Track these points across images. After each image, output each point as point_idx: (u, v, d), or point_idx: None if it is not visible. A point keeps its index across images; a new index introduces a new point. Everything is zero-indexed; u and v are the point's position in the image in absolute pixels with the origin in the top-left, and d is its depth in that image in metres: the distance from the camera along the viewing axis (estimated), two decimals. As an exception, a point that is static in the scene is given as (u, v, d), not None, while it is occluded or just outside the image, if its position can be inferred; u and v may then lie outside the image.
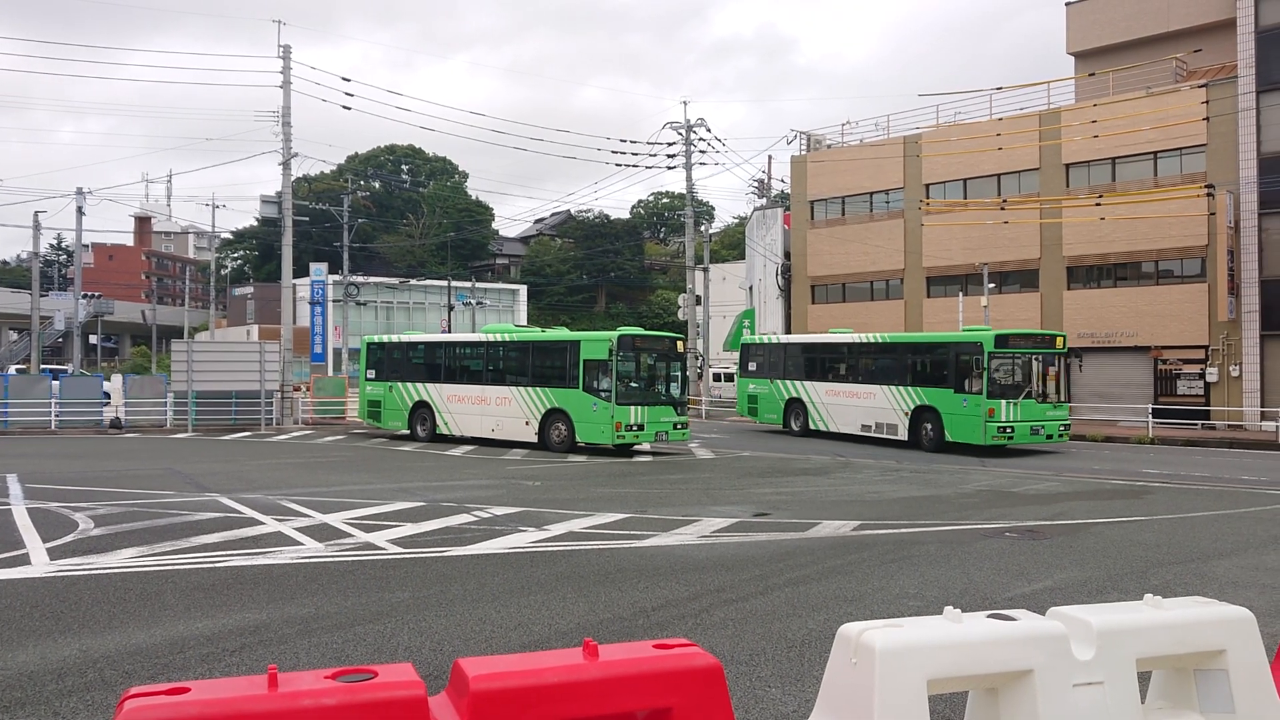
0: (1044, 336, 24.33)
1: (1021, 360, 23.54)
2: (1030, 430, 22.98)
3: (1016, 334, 24.23)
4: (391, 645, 6.78)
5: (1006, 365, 23.45)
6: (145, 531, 11.28)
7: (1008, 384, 23.22)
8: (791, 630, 7.19)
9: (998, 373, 23.02)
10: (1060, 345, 23.83)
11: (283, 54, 33.22)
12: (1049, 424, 23.36)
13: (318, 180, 76.83)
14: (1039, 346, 23.69)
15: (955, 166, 39.58)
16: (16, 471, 17.70)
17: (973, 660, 3.80)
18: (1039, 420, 23.12)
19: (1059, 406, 23.62)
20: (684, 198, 45.46)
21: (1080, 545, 11.03)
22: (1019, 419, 22.78)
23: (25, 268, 59.62)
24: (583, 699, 3.29)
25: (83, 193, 42.33)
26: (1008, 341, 23.41)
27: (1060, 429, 23.58)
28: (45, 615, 7.54)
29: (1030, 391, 23.11)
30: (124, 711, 2.86)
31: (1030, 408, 23.00)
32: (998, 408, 22.62)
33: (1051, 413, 23.38)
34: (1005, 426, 22.60)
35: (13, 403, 29.99)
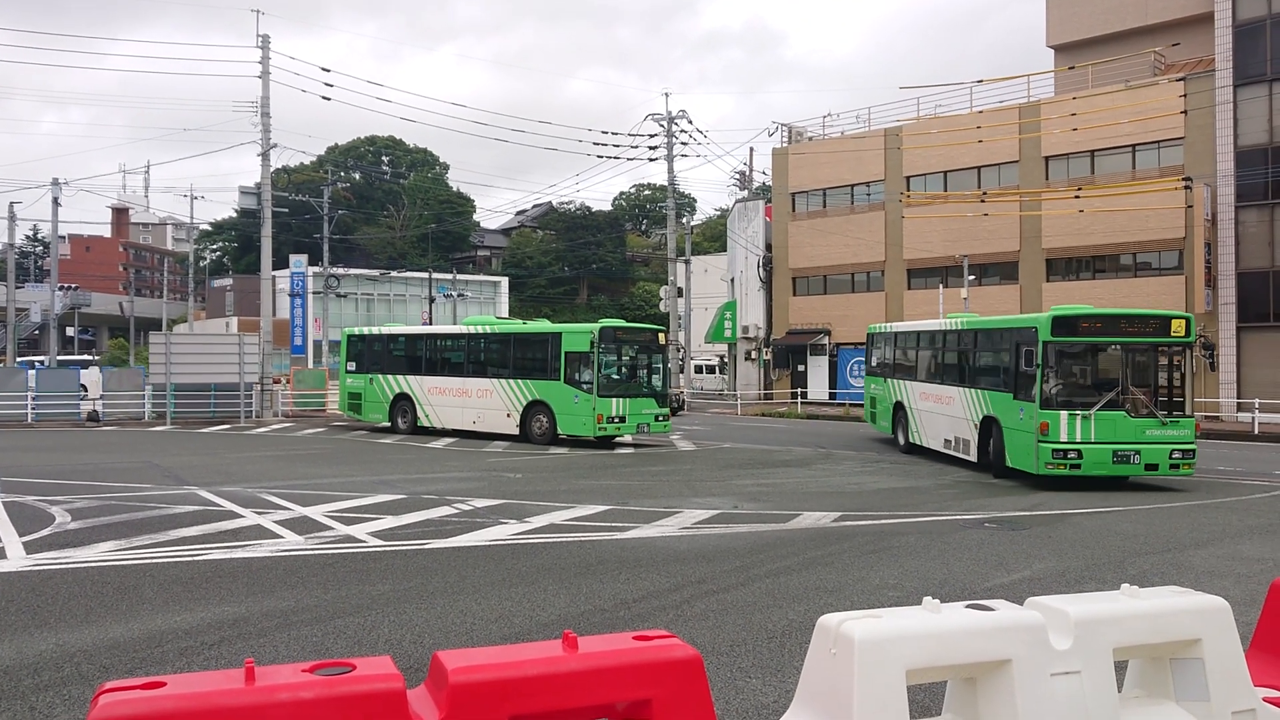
0: (1146, 319, 16.17)
1: (1102, 352, 16.33)
2: (1114, 457, 15.33)
3: (1092, 314, 16.44)
4: (372, 638, 6.75)
5: (1074, 359, 16.36)
6: (123, 525, 11.19)
7: (1075, 385, 16.14)
8: (772, 621, 7.21)
9: (1057, 370, 15.84)
10: (1182, 331, 15.73)
11: (261, 44, 32.95)
12: (1151, 448, 15.38)
13: (297, 171, 76.29)
14: (1136, 333, 15.89)
15: (935, 159, 39.72)
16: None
17: (951, 650, 3.81)
18: (1132, 442, 15.37)
19: (1174, 423, 15.52)
20: (666, 190, 45.42)
21: (1058, 536, 11.12)
22: (1092, 440, 15.33)
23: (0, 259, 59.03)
24: (562, 691, 3.28)
25: (59, 183, 41.90)
26: (1077, 327, 15.93)
27: (1178, 456, 15.48)
28: (21, 610, 7.47)
29: (1119, 398, 15.64)
30: (99, 706, 2.83)
31: (1116, 422, 15.41)
32: (1054, 421, 15.39)
33: (1158, 431, 15.44)
34: (1066, 450, 15.30)
35: (-12, 396, 29.66)
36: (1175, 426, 15.57)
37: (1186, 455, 15.53)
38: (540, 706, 3.28)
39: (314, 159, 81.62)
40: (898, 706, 3.65)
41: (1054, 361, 15.85)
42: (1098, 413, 15.43)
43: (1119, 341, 15.94)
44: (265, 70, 32.92)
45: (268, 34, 33.01)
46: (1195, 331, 16.06)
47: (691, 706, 3.39)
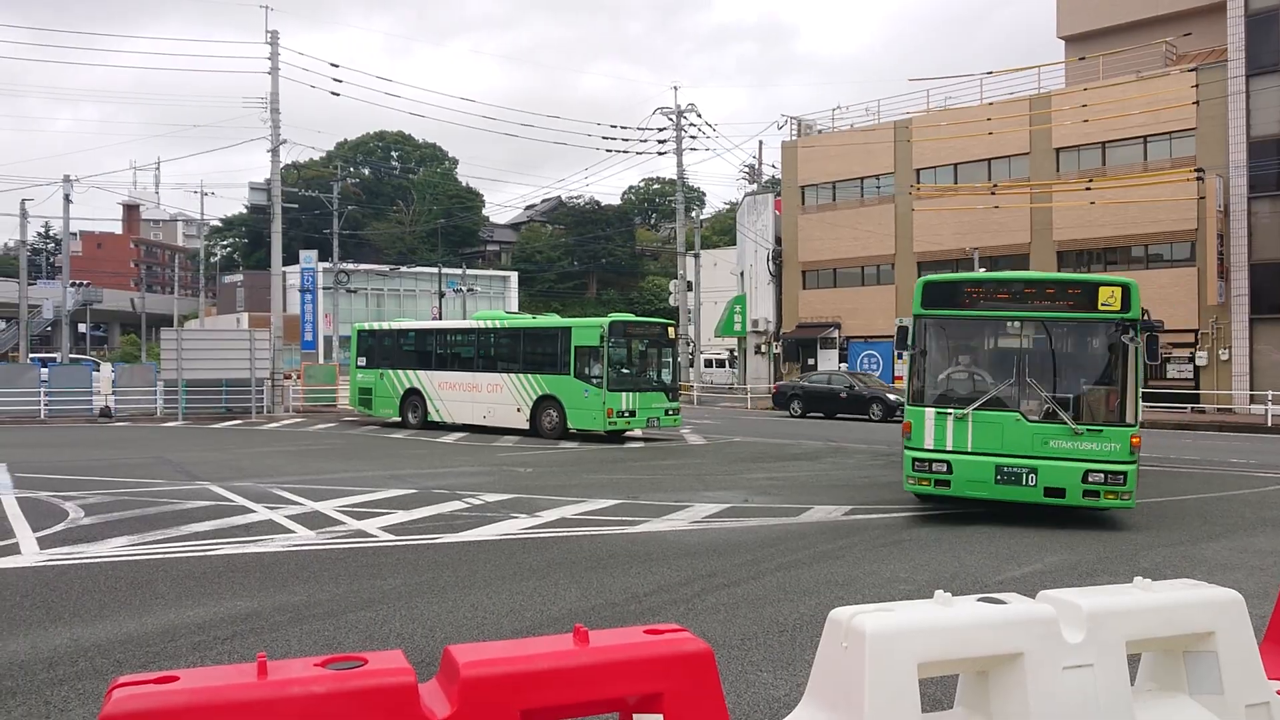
0: (1062, 286, 11.55)
1: (995, 330, 12.20)
2: (997, 475, 11.15)
3: (977, 280, 12.38)
4: (383, 632, 6.77)
5: (954, 339, 12.11)
6: (136, 520, 11.24)
7: (956, 373, 12.15)
8: (783, 615, 7.20)
9: (930, 353, 11.90)
10: (1115, 303, 10.96)
11: (270, 40, 33.00)
12: (1054, 465, 10.97)
13: (307, 167, 76.45)
14: (1046, 305, 11.39)
15: (946, 151, 39.59)
16: (6, 461, 17.62)
17: (963, 643, 3.81)
18: (1025, 456, 11.10)
19: (1095, 432, 10.88)
20: (675, 184, 45.38)
21: (1070, 528, 11.08)
22: (968, 450, 11.32)
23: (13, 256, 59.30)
24: (573, 685, 3.29)
25: (70, 180, 42.04)
26: (955, 296, 11.75)
27: (1097, 479, 10.87)
28: (36, 605, 7.51)
29: (1010, 393, 11.35)
30: (112, 700, 2.84)
31: (1004, 427, 11.20)
32: (917, 421, 11.64)
33: (1067, 442, 10.92)
34: (931, 460, 11.49)
35: (1, 392, 29.85)
36: (1096, 437, 10.63)
37: (1113, 479, 10.52)
38: (551, 700, 3.28)
39: (323, 155, 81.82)
40: (909, 700, 3.65)
41: (926, 342, 11.64)
42: (978, 413, 11.09)
43: (1018, 316, 11.31)
44: (274, 66, 32.98)
45: (276, 30, 33.08)
46: (1139, 304, 10.81)
47: (703, 700, 3.39)
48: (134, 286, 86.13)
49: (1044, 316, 11.14)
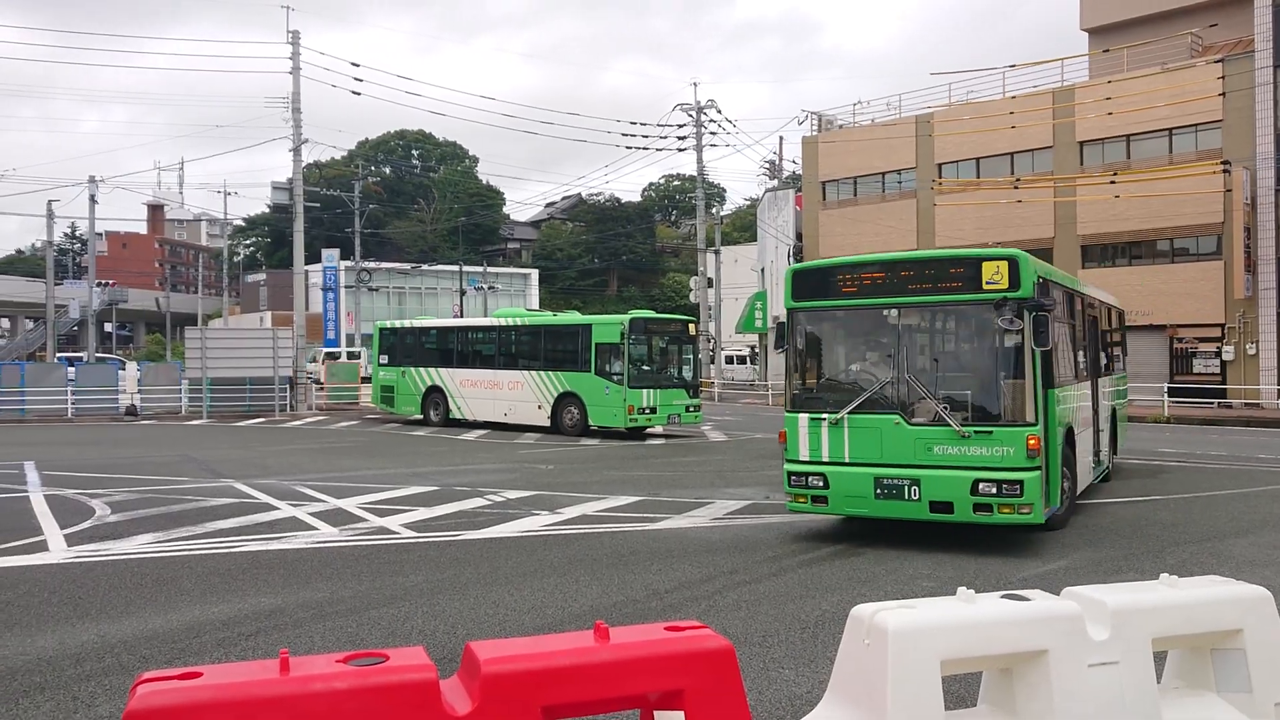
0: (941, 264, 9.89)
1: (871, 320, 10.30)
2: (877, 488, 9.64)
3: (849, 264, 10.62)
4: (405, 629, 6.80)
5: (828, 332, 10.69)
6: (161, 517, 11.34)
7: (831, 373, 10.69)
8: (804, 612, 7.18)
9: (803, 350, 10.61)
10: (1002, 280, 9.23)
11: (292, 40, 33.18)
12: (939, 475, 9.37)
13: (329, 166, 76.84)
14: (923, 287, 9.82)
15: (968, 146, 39.30)
16: (34, 459, 17.82)
17: (986, 641, 3.78)
18: (906, 466, 9.55)
19: (984, 435, 9.21)
20: (695, 180, 45.32)
21: (1095, 525, 10.99)
22: (845, 460, 9.83)
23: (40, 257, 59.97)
24: (594, 681, 3.29)
25: (95, 181, 42.46)
26: (826, 282, 10.32)
27: (989, 490, 9.21)
28: (63, 601, 7.59)
29: (887, 393, 9.76)
30: (137, 696, 2.87)
31: (882, 432, 9.68)
32: (791, 429, 10.21)
33: (953, 447, 9.32)
34: (806, 473, 10.02)
35: (29, 391, 30.18)
36: (986, 440, 9.08)
37: (1008, 490, 8.90)
38: (572, 696, 3.28)
39: (345, 154, 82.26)
40: (932, 697, 3.63)
41: (799, 338, 10.37)
42: (853, 417, 9.67)
43: (894, 303, 9.68)
44: (296, 66, 33.15)
45: (298, 30, 33.24)
46: (1033, 279, 9.11)
47: (724, 697, 3.38)
48: (159, 286, 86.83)
49: (920, 301, 9.56)
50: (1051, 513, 9.65)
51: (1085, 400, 12.25)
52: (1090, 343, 13.06)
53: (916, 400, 9.48)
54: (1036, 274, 9.24)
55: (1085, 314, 12.83)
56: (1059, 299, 10.84)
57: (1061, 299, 11.05)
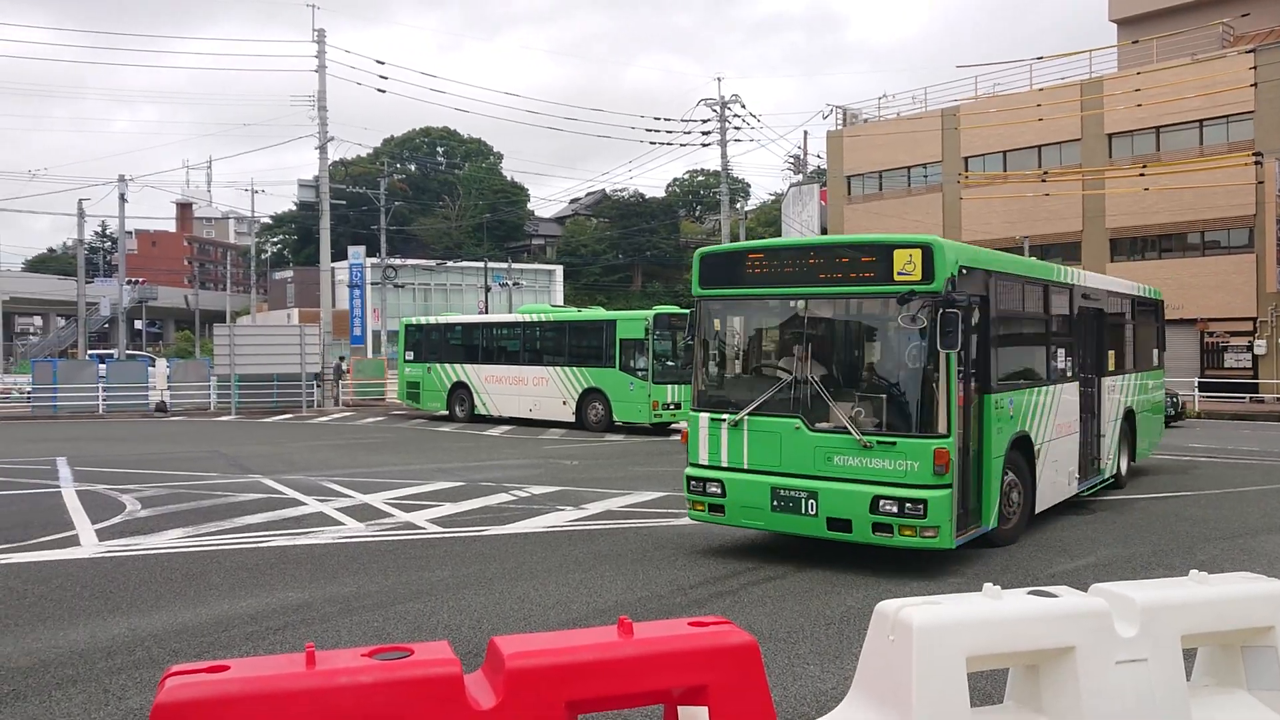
0: (854, 250, 8.95)
1: (777, 313, 9.57)
2: (774, 499, 8.77)
3: (759, 248, 9.80)
4: (431, 624, 6.84)
5: (735, 324, 9.98)
6: (191, 513, 11.46)
7: (738, 370, 9.93)
8: (829, 607, 7.16)
9: (707, 344, 9.73)
10: (914, 271, 8.16)
11: (317, 38, 33.38)
12: (838, 488, 8.40)
13: (354, 164, 77.29)
14: (832, 276, 8.93)
15: (994, 139, 39.00)
16: (66, 455, 18.06)
17: (1012, 637, 3.76)
18: (804, 476, 8.62)
19: (888, 446, 8.17)
20: (719, 175, 45.23)
21: (1124, 521, 10.88)
22: (744, 466, 8.99)
23: (72, 255, 60.72)
24: (617, 676, 3.29)
25: (124, 180, 42.90)
26: (733, 270, 9.37)
27: (891, 508, 8.32)
28: (95, 595, 7.69)
29: (787, 395, 8.87)
30: (165, 689, 2.90)
31: (781, 437, 8.77)
32: (692, 429, 9.45)
33: (854, 458, 8.31)
34: (705, 480, 9.25)
35: (62, 387, 30.58)
36: (888, 452, 8.05)
37: (910, 510, 7.87)
38: (596, 691, 3.29)
39: (370, 151, 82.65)
40: (957, 693, 3.61)
41: (705, 329, 9.51)
42: (753, 419, 8.75)
43: (800, 294, 8.80)
44: (321, 64, 33.36)
45: (323, 28, 33.52)
46: (947, 270, 7.96)
47: (748, 692, 3.37)
48: (187, 283, 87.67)
49: (829, 292, 8.61)
50: (969, 536, 8.39)
51: (1066, 404, 10.75)
52: (1086, 338, 11.75)
53: (819, 403, 8.44)
54: (959, 263, 8.13)
55: (1075, 307, 11.37)
56: (1008, 292, 9.55)
57: (1012, 291, 9.72)
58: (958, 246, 8.44)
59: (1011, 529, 9.40)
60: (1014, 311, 9.89)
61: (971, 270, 8.52)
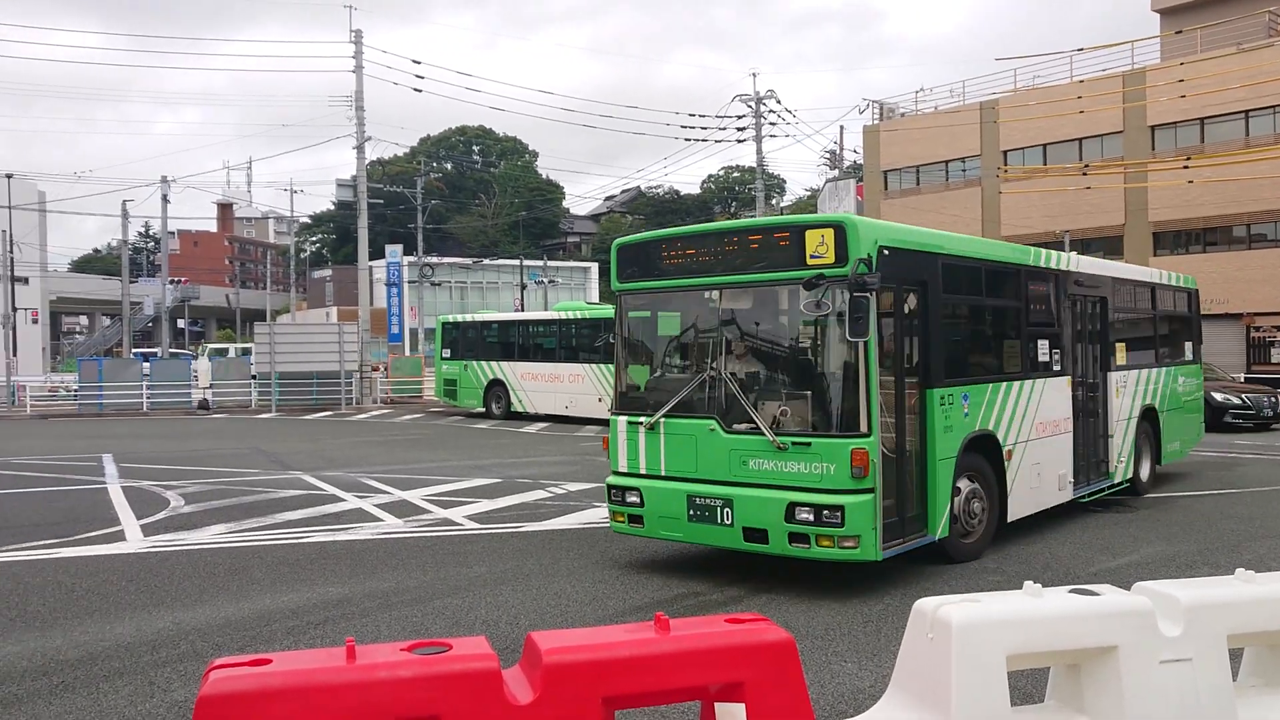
0: (766, 233, 8.20)
1: (693, 305, 8.96)
2: (690, 508, 8.04)
3: (674, 236, 8.97)
4: (469, 619, 6.89)
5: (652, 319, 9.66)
6: (233, 508, 11.63)
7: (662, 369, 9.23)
8: (867, 605, 7.12)
9: (629, 342, 9.25)
10: (827, 253, 7.44)
11: (354, 39, 33.67)
12: (752, 495, 7.67)
13: (391, 163, 77.93)
14: (744, 263, 8.17)
15: (1034, 132, 38.51)
16: (112, 451, 18.39)
17: (1053, 636, 3.72)
18: (718, 483, 7.93)
19: (803, 448, 7.41)
20: (755, 171, 45.07)
21: (1168, 519, 10.71)
22: (661, 472, 8.33)
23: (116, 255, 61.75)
24: (654, 672, 3.30)
25: (167, 181, 43.53)
26: (649, 260, 8.83)
27: (807, 517, 7.38)
28: (140, 589, 7.83)
29: (702, 394, 8.24)
30: (209, 682, 2.95)
31: (696, 440, 8.07)
32: (612, 434, 8.76)
33: (769, 461, 7.57)
34: (625, 488, 8.49)
35: (107, 385, 31.14)
36: (803, 454, 7.34)
37: (826, 518, 7.13)
38: (633, 687, 3.30)
39: (407, 150, 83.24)
40: (997, 692, 3.57)
41: (624, 325, 9.02)
42: (669, 421, 8.14)
43: (711, 283, 8.22)
44: (359, 65, 33.65)
45: (360, 29, 33.75)
46: (861, 251, 7.21)
47: (784, 689, 3.37)
48: (228, 283, 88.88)
49: (741, 281, 7.97)
50: (904, 547, 7.61)
51: (1051, 401, 9.82)
52: (1082, 330, 10.85)
53: (735, 403, 7.75)
54: (878, 244, 7.41)
55: (1064, 295, 10.40)
56: (961, 277, 8.73)
57: (967, 277, 8.89)
58: (879, 225, 7.81)
59: (975, 541, 8.54)
60: (971, 299, 9.09)
61: (898, 252, 7.68)
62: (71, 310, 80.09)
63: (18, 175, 49.72)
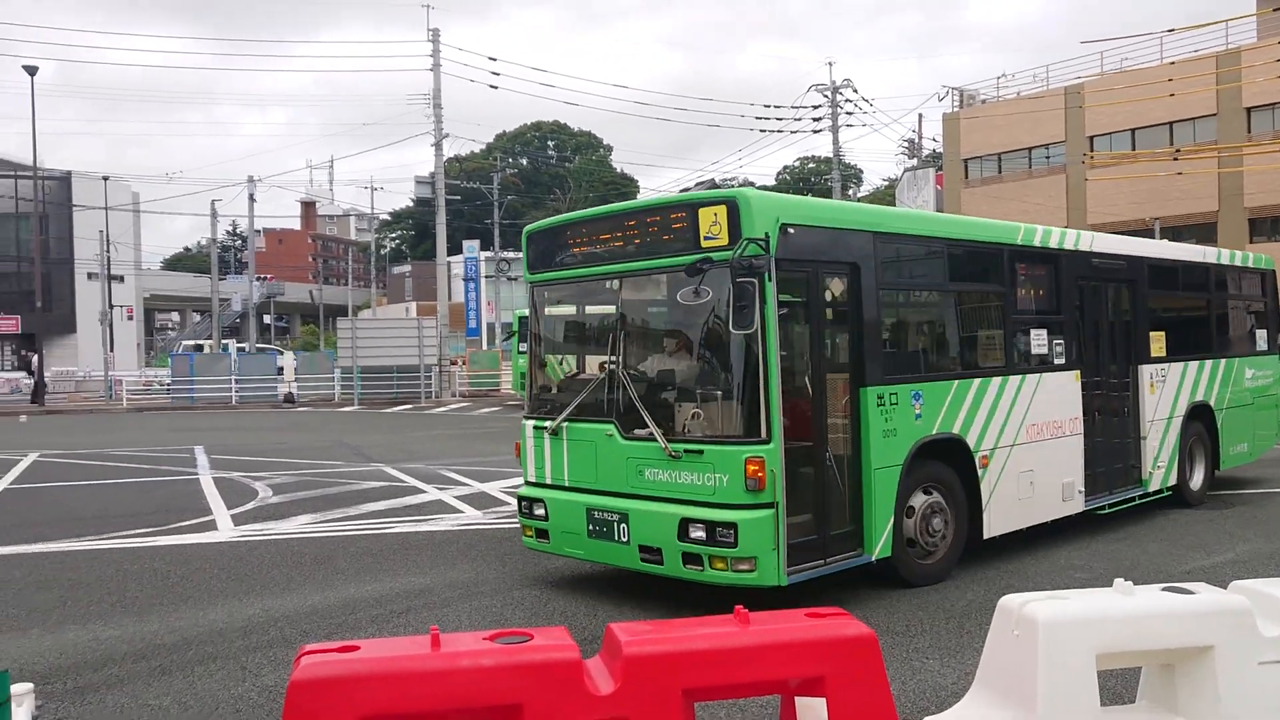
0: (661, 212, 7.24)
1: (596, 296, 8.16)
2: (589, 522, 7.25)
3: (579, 220, 8.10)
4: (547, 610, 6.96)
5: (566, 314, 8.81)
6: (318, 499, 11.93)
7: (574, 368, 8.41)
8: (949, 601, 7.01)
9: (542, 338, 8.41)
10: (721, 234, 6.55)
11: (432, 37, 34.16)
12: (646, 509, 6.80)
13: (468, 160, 78.97)
14: (641, 248, 7.24)
15: (1122, 116, 37.37)
16: (203, 443, 19.00)
17: (1145, 635, 3.62)
18: (615, 494, 7.09)
19: (694, 456, 6.54)
20: (831, 161, 44.60)
21: (1266, 516, 10.32)
22: (565, 483, 7.56)
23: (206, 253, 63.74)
24: (734, 665, 3.29)
25: (253, 181, 44.75)
26: (555, 248, 8.00)
27: (700, 536, 6.47)
28: (231, 577, 8.08)
29: (601, 397, 7.40)
30: (301, 666, 3.03)
31: (596, 447, 7.26)
32: (522, 441, 8.06)
33: (663, 471, 6.69)
34: (532, 501, 7.73)
35: (198, 380, 32.17)
36: (695, 464, 6.50)
37: (719, 537, 6.27)
38: (712, 680, 3.30)
39: (483, 147, 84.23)
40: (1086, 691, 3.49)
41: (537, 319, 8.13)
42: (571, 425, 7.36)
43: (606, 272, 7.38)
44: (436, 63, 34.14)
45: (437, 28, 34.28)
46: (764, 231, 6.32)
47: (866, 684, 3.33)
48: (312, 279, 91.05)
49: (638, 268, 7.11)
50: (824, 569, 6.71)
51: (1051, 398, 8.64)
52: (1100, 317, 9.71)
53: (632, 406, 6.87)
54: (780, 221, 6.47)
55: (1070, 277, 9.18)
56: (910, 259, 7.86)
57: (921, 258, 7.97)
58: (784, 200, 6.94)
59: (936, 562, 7.52)
60: (927, 283, 8.18)
61: (811, 230, 6.76)
62: (164, 307, 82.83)
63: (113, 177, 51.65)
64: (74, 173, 53.94)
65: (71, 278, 52.21)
